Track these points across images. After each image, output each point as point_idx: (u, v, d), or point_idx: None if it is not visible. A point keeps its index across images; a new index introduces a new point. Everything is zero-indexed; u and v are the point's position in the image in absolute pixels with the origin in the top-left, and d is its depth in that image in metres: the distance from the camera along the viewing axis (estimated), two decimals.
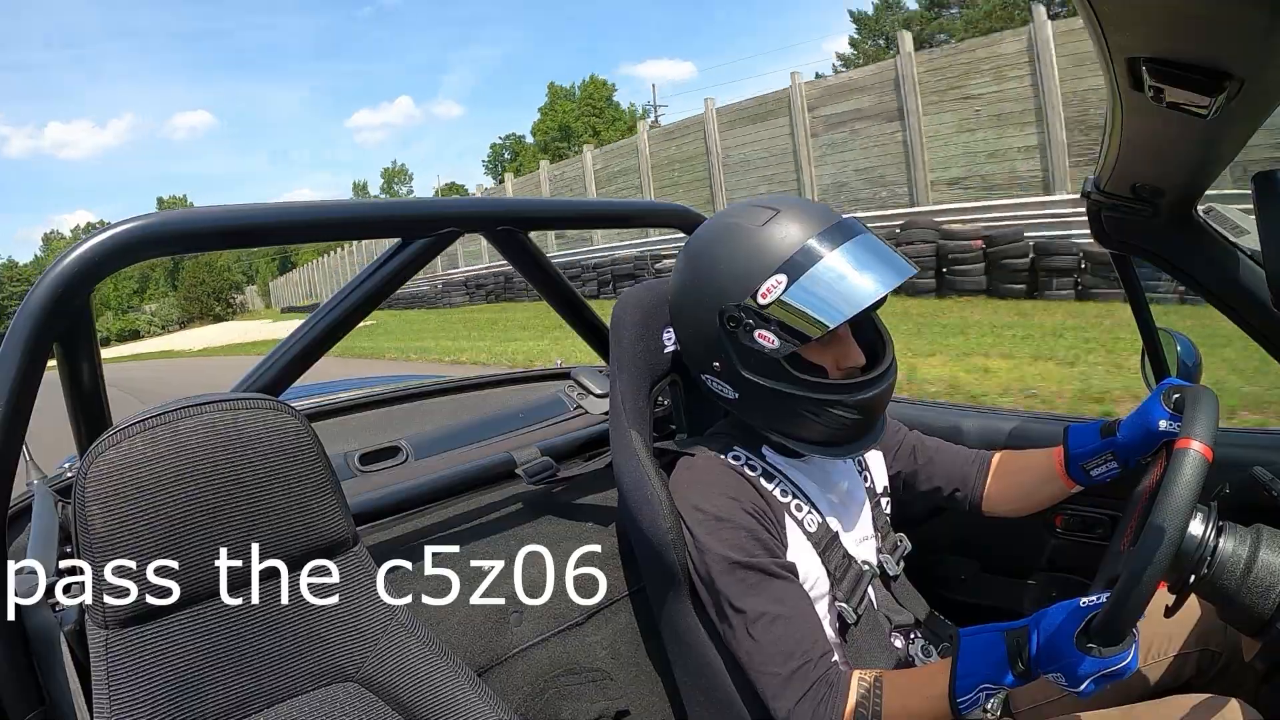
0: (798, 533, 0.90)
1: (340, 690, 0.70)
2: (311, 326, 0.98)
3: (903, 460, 1.10)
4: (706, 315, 0.85)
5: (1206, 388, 0.78)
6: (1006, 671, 0.72)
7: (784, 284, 0.79)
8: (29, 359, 0.66)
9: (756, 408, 0.88)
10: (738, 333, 0.83)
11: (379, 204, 1.09)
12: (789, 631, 0.82)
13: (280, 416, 0.67)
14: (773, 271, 0.80)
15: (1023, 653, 0.71)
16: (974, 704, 0.74)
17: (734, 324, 0.83)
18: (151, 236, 0.73)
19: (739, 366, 0.85)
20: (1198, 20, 0.51)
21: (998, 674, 0.73)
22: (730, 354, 0.85)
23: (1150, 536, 0.66)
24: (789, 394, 0.84)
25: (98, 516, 0.59)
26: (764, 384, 0.84)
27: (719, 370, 0.88)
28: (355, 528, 0.74)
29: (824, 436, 0.87)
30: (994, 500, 1.05)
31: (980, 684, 0.73)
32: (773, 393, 0.84)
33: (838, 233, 0.81)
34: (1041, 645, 0.70)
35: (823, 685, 0.80)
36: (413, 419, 1.45)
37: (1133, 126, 0.74)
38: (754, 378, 0.84)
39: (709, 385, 0.91)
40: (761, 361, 0.83)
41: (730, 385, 0.88)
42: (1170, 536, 0.65)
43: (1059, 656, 0.69)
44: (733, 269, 0.83)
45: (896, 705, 0.78)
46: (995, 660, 0.73)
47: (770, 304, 0.80)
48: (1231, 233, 0.95)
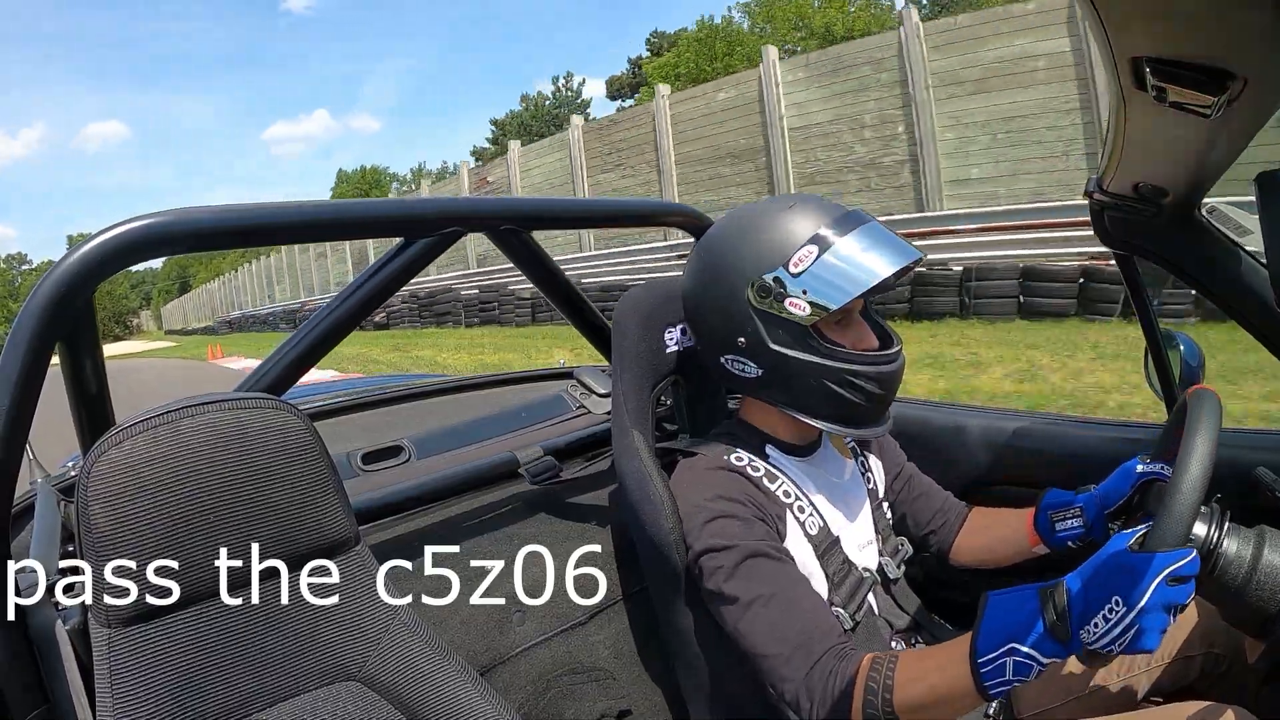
0: (799, 533, 0.89)
1: (342, 689, 0.70)
2: (314, 327, 0.98)
3: (898, 485, 1.10)
4: (735, 291, 0.87)
5: (1209, 388, 0.78)
6: (1038, 624, 0.64)
7: (815, 254, 0.83)
8: (32, 359, 0.66)
9: (781, 383, 0.88)
10: (768, 303, 0.85)
11: (380, 203, 1.09)
12: (789, 611, 0.81)
13: (282, 416, 0.67)
14: (804, 244, 0.84)
15: (1057, 599, 0.64)
16: (998, 671, 0.65)
17: (765, 294, 0.85)
18: (155, 236, 0.73)
19: (767, 340, 0.87)
20: (1201, 20, 0.51)
21: (1028, 628, 0.64)
22: (758, 327, 0.87)
23: (1192, 437, 0.68)
24: (816, 364, 0.86)
25: (100, 516, 0.59)
26: (792, 355, 0.86)
27: (744, 346, 0.88)
28: (357, 527, 0.74)
29: (845, 411, 0.88)
30: (960, 551, 1.08)
31: (1006, 641, 0.65)
32: (800, 364, 0.86)
33: (855, 218, 0.86)
34: (1085, 580, 0.64)
35: (831, 657, 0.77)
36: (415, 418, 1.46)
37: (1136, 126, 0.73)
38: (782, 349, 0.86)
39: (729, 366, 0.91)
40: (790, 332, 0.86)
41: (755, 362, 0.89)
42: (1210, 436, 0.67)
43: (1112, 577, 0.62)
44: (763, 244, 0.86)
45: (913, 671, 0.73)
46: (1025, 611, 0.66)
47: (802, 272, 0.83)
48: (1234, 232, 0.95)
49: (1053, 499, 0.97)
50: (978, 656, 0.66)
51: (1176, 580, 0.61)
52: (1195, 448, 0.67)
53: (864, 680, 0.74)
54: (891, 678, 0.73)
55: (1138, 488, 0.89)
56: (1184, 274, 0.98)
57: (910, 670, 0.73)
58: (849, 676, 0.75)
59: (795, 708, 0.79)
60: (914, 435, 1.25)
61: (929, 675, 0.71)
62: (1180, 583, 0.61)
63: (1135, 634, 0.61)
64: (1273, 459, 0.97)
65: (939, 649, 0.74)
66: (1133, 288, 1.10)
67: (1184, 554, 0.61)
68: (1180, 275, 0.99)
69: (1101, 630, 0.61)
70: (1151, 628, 0.60)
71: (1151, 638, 0.61)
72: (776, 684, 0.80)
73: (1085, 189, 0.99)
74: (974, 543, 1.07)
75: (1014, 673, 0.65)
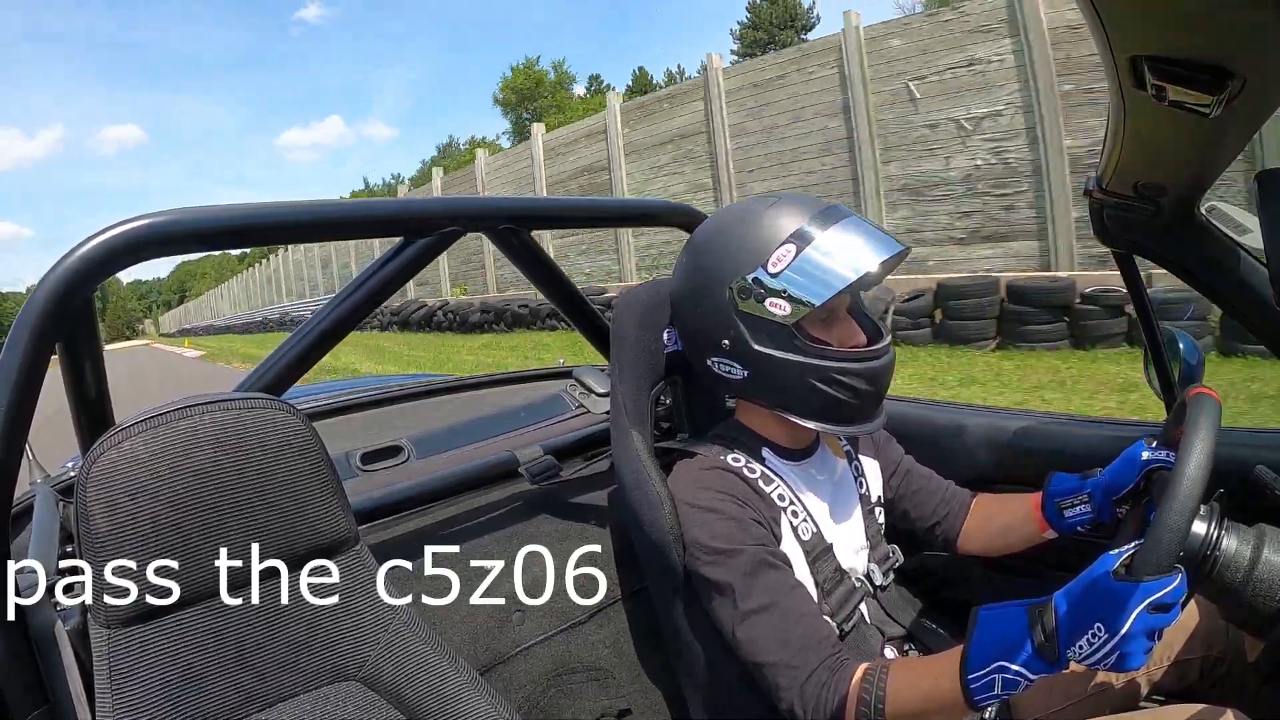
0: (791, 539, 0.89)
1: (342, 689, 0.70)
2: (314, 326, 0.98)
3: (896, 481, 1.10)
4: (717, 292, 0.87)
5: (1208, 388, 0.78)
6: (1026, 644, 0.65)
7: (793, 253, 0.83)
8: (31, 359, 0.66)
9: (766, 384, 0.88)
10: (749, 304, 0.85)
11: (380, 203, 1.08)
12: (785, 620, 0.81)
13: (282, 416, 0.67)
14: (781, 243, 0.84)
15: (1045, 619, 0.65)
16: (987, 687, 0.67)
17: (745, 295, 0.85)
18: (155, 236, 0.73)
19: (750, 341, 0.86)
20: (1200, 18, 0.51)
21: (1016, 647, 0.66)
22: (741, 329, 0.86)
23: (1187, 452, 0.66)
24: (800, 364, 0.85)
25: (99, 516, 0.59)
26: (776, 355, 0.86)
27: (728, 349, 0.88)
28: (357, 527, 0.74)
29: (834, 409, 0.87)
30: (968, 539, 1.07)
31: (996, 659, 0.66)
32: (784, 364, 0.86)
33: (836, 212, 0.86)
34: (1072, 603, 0.64)
35: (824, 670, 0.78)
36: (414, 418, 1.46)
37: (1135, 125, 0.73)
38: (765, 350, 0.86)
39: (715, 369, 0.91)
40: (772, 332, 0.85)
41: (739, 363, 0.88)
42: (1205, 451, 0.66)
43: (1096, 604, 0.62)
44: (742, 245, 0.86)
45: (902, 684, 0.74)
46: (1015, 629, 0.67)
47: (781, 271, 0.83)
48: (1234, 231, 0.95)
49: (1059, 485, 0.97)
50: (968, 672, 0.67)
51: (1159, 608, 0.61)
52: (1185, 474, 0.66)
53: (857, 691, 0.75)
54: (884, 688, 0.74)
55: (1143, 474, 0.89)
56: (1184, 273, 0.98)
57: (901, 680, 0.74)
58: (842, 689, 0.76)
59: (791, 717, 0.79)
60: (914, 435, 1.25)
61: (920, 686, 0.73)
62: (1163, 610, 0.61)
63: (1119, 658, 0.62)
64: (1272, 457, 0.97)
65: (931, 660, 0.75)
66: (1132, 287, 1.10)
67: (1166, 582, 0.61)
68: (1180, 274, 0.99)
69: (1087, 652, 0.63)
70: (1135, 651, 0.61)
71: (1135, 660, 0.62)
72: (771, 692, 0.81)
73: (1084, 188, 0.99)
74: (981, 530, 1.06)
75: (1003, 688, 0.66)
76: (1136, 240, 1.00)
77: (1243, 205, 0.94)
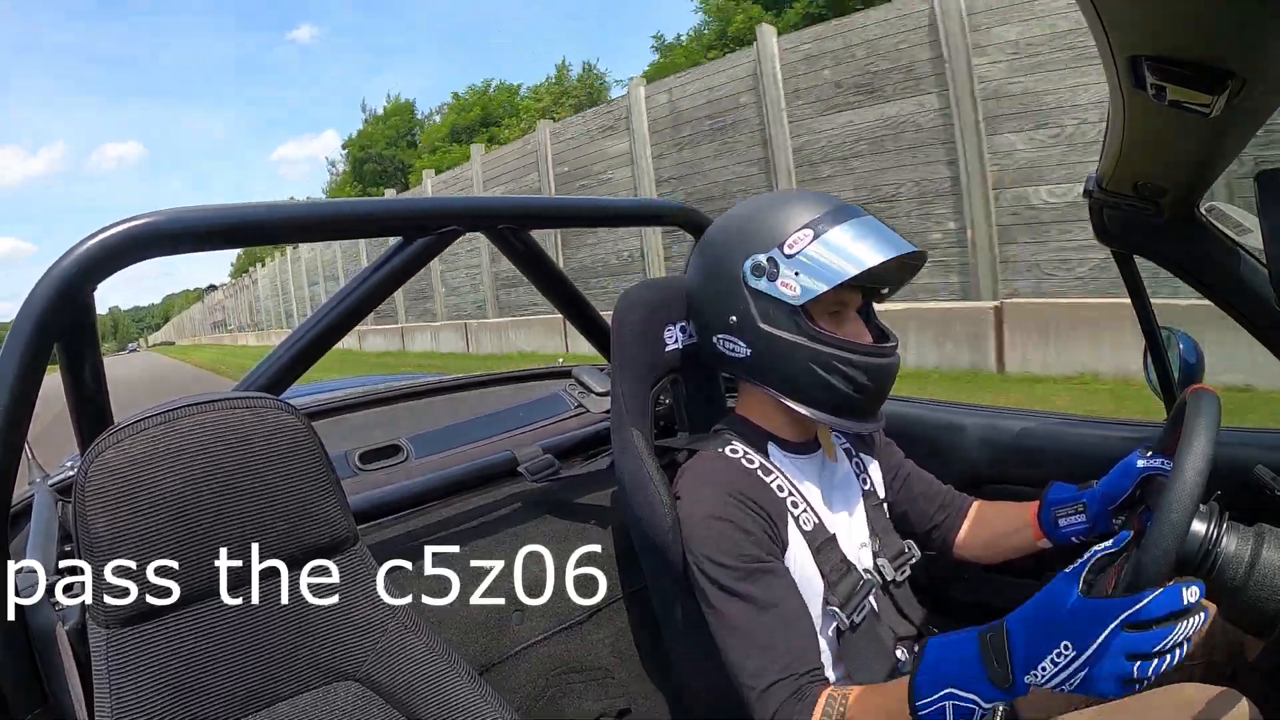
0: (795, 531, 0.89)
1: (342, 689, 0.70)
2: (312, 326, 0.98)
3: (897, 485, 1.10)
4: (730, 268, 0.89)
5: (1208, 388, 0.78)
6: (978, 670, 0.64)
7: (809, 237, 0.86)
8: (30, 359, 0.66)
9: (769, 364, 0.89)
10: (761, 282, 0.87)
11: (379, 202, 1.08)
12: (773, 638, 0.81)
13: (281, 415, 0.67)
14: (799, 228, 0.86)
15: (995, 643, 0.64)
16: (937, 715, 0.66)
17: (759, 273, 0.87)
18: (154, 235, 0.73)
19: (757, 319, 0.87)
20: (1199, 19, 0.51)
21: (966, 673, 0.65)
22: (749, 306, 0.88)
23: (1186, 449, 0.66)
24: (803, 347, 0.86)
25: (98, 516, 0.59)
26: (780, 335, 0.87)
27: (735, 325, 0.89)
28: (356, 527, 0.74)
29: (833, 400, 0.88)
30: (965, 545, 1.08)
31: (946, 687, 0.66)
32: (787, 345, 0.87)
33: (850, 210, 0.88)
34: (1026, 626, 0.63)
35: (794, 699, 0.79)
36: (413, 417, 1.45)
37: (1135, 125, 0.73)
38: (771, 329, 0.87)
39: (719, 345, 0.92)
40: (781, 312, 0.86)
41: (744, 341, 0.89)
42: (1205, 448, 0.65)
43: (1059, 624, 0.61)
44: (761, 226, 0.89)
45: (863, 706, 0.75)
46: (963, 656, 0.66)
47: (796, 254, 0.85)
48: (1234, 231, 0.95)
49: (1056, 494, 0.97)
50: (915, 699, 0.68)
51: (1134, 626, 0.58)
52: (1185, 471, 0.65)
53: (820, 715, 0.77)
54: (844, 714, 0.75)
55: (1139, 483, 0.89)
56: (1184, 273, 0.98)
57: (861, 705, 0.75)
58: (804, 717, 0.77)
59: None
60: (912, 435, 1.25)
61: (875, 714, 0.73)
62: (1140, 629, 0.58)
63: (1084, 680, 0.60)
64: (1272, 457, 0.97)
65: (888, 687, 0.76)
66: (1131, 286, 1.10)
67: (1140, 598, 0.58)
68: (1180, 274, 0.99)
69: (1050, 673, 0.61)
70: (1105, 675, 0.59)
71: (1103, 685, 0.59)
72: (747, 707, 0.82)
73: (1084, 188, 0.99)
74: (977, 537, 1.07)
75: (954, 715, 0.66)
76: (1136, 240, 1.00)
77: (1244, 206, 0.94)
